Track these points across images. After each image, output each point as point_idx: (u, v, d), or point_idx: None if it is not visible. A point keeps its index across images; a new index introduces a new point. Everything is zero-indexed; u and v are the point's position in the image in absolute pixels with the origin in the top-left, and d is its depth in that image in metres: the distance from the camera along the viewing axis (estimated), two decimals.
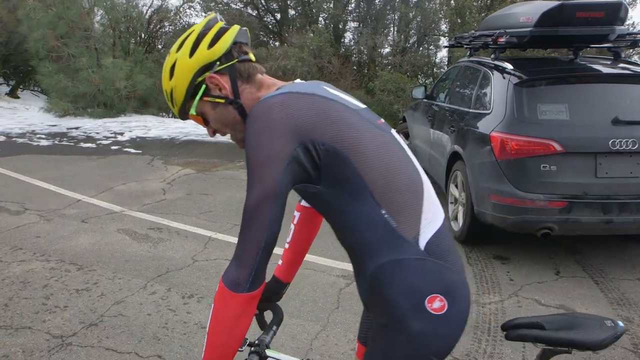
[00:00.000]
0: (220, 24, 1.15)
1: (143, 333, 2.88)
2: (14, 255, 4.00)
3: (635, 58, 12.38)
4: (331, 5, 16.33)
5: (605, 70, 3.98)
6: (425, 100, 6.03)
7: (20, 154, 8.10)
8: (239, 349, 1.22)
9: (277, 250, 1.12)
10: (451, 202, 4.55)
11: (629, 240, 4.27)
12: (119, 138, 9.59)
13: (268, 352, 1.23)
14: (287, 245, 1.46)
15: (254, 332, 1.33)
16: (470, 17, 13.91)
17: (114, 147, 8.72)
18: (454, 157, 4.45)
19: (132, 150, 8.47)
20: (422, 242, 1.05)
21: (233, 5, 16.91)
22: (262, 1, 17.15)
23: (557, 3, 3.87)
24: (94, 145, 8.90)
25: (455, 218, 4.42)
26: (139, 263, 3.87)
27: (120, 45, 13.33)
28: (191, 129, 10.49)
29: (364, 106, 1.17)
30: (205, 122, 1.19)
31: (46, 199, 5.57)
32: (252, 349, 1.20)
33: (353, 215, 1.05)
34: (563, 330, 1.21)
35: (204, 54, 1.11)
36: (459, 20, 14.33)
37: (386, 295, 1.05)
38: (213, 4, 16.66)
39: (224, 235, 4.47)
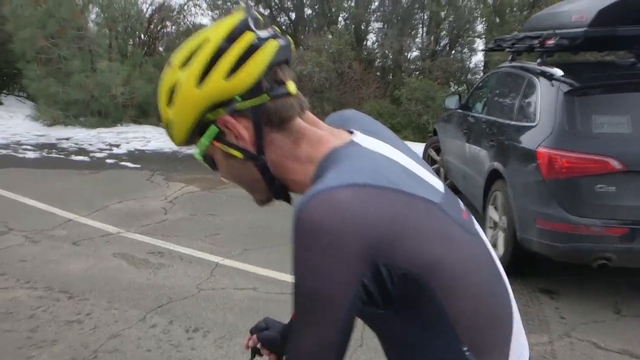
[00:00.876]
0: (251, 35, 0.87)
1: None
2: None
3: None
4: (352, 4, 16.51)
5: None
6: (459, 110, 6.03)
7: (3, 167, 8.25)
8: None
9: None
10: (490, 227, 4.52)
11: None
12: (115, 150, 9.73)
13: None
14: None
15: None
16: (510, 16, 13.94)
17: (109, 161, 8.85)
18: (493, 175, 4.43)
19: (130, 165, 8.58)
20: None
21: (242, 3, 17.17)
22: None
23: None
24: (86, 158, 9.05)
25: (495, 245, 4.37)
26: (137, 292, 3.89)
27: (117, 47, 13.59)
28: None
29: (442, 187, 0.95)
30: (214, 166, 0.98)
31: (33, 218, 5.66)
32: None
33: (424, 347, 0.89)
34: None
35: (219, 85, 0.85)
36: (497, 20, 14.36)
37: None
38: (221, 2, 16.97)
39: (233, 261, 4.49)
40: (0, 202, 6.30)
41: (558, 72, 4.02)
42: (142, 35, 15.79)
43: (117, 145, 10.18)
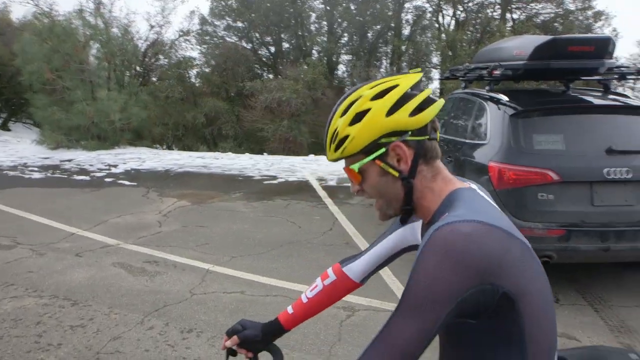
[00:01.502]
0: (429, 91, 1.02)
1: None
2: (5, 292, 3.94)
3: (620, 90, 12.66)
4: (325, 39, 16.71)
5: (597, 101, 4.08)
6: None
7: (11, 186, 8.07)
8: None
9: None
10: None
11: (627, 267, 4.29)
12: (113, 170, 9.59)
13: None
14: (305, 299, 1.39)
15: None
16: (461, 49, 14.27)
17: (108, 180, 8.71)
18: None
19: (127, 183, 8.46)
20: None
21: (228, 39, 17.26)
22: (257, 35, 17.52)
23: (549, 38, 4.00)
24: (87, 178, 8.89)
25: None
26: (136, 297, 3.82)
27: (115, 78, 13.49)
28: (186, 161, 10.53)
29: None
30: (358, 178, 1.06)
31: (39, 232, 5.53)
32: None
33: (492, 355, 0.95)
34: None
35: (404, 119, 0.98)
36: (450, 53, 14.68)
37: None
38: (208, 37, 16.98)
39: (222, 267, 4.45)
40: (8, 218, 6.14)
41: (504, 97, 4.12)
42: (138, 67, 15.68)
43: (115, 166, 10.04)
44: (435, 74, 16.17)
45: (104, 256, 4.76)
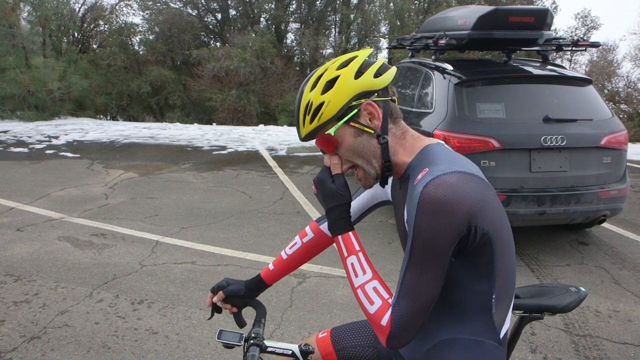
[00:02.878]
0: (383, 59, 1.14)
1: (91, 343, 2.78)
2: None
3: (558, 61, 13.22)
4: (272, 6, 16.31)
5: (536, 72, 4.25)
6: None
7: None
8: (238, 344, 1.29)
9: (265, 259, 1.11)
10: None
11: (559, 229, 4.58)
12: (54, 142, 9.12)
13: (267, 342, 1.28)
14: (285, 255, 1.46)
15: (231, 327, 1.34)
16: (409, 19, 14.35)
17: (48, 152, 8.28)
18: None
19: (70, 154, 8.08)
20: (502, 332, 1.10)
21: (172, 5, 16.52)
22: (202, 1, 16.87)
23: (491, 8, 4.09)
24: (26, 150, 8.42)
25: None
26: (83, 271, 3.71)
27: (51, 44, 12.68)
28: (132, 132, 10.16)
29: None
30: (334, 142, 1.12)
31: None
32: (252, 341, 1.25)
33: (464, 288, 1.06)
34: (535, 297, 1.39)
35: (370, 80, 1.08)
36: (398, 23, 14.74)
37: None
38: (151, 2, 16.18)
39: (172, 239, 4.38)
40: None
41: (449, 67, 4.20)
42: (76, 33, 14.79)
43: (56, 137, 9.54)
44: (384, 43, 16.23)
45: (47, 230, 4.57)
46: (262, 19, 16.64)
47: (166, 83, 14.97)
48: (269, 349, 1.27)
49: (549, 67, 4.42)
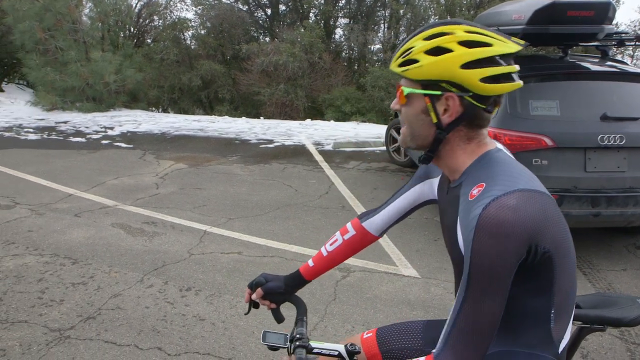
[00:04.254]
0: (514, 68, 0.99)
1: (142, 325, 2.90)
2: (6, 250, 3.98)
3: (619, 57, 12.56)
4: (322, 1, 16.34)
5: (594, 68, 4.06)
6: None
7: (7, 148, 8.01)
8: (283, 346, 1.26)
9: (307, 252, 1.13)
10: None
11: (615, 232, 4.37)
12: (109, 132, 9.52)
13: (312, 343, 1.25)
14: (325, 252, 1.43)
15: (270, 324, 1.37)
16: (460, 14, 14.02)
17: (104, 142, 8.66)
18: None
19: (123, 145, 8.42)
20: (562, 346, 1.05)
21: (224, 0, 16.85)
22: None
23: (548, 1, 3.94)
24: (83, 140, 8.84)
25: None
26: (135, 257, 3.88)
27: (109, 38, 13.21)
28: (182, 124, 10.46)
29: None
30: (403, 101, 1.05)
31: (37, 193, 5.54)
32: (297, 343, 1.23)
33: (521, 304, 1.01)
34: (598, 308, 1.30)
35: (473, 80, 0.95)
36: (448, 18, 14.42)
37: None
38: None
39: (219, 229, 4.50)
40: (6, 179, 6.13)
41: None
42: (132, 29, 15.37)
43: (111, 128, 9.96)
44: None
45: (102, 217, 4.80)
46: (311, 14, 16.70)
47: (216, 77, 15.31)
48: (315, 350, 1.25)
49: (609, 63, 4.21)
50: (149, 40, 16.42)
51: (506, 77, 0.97)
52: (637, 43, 4.24)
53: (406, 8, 15.67)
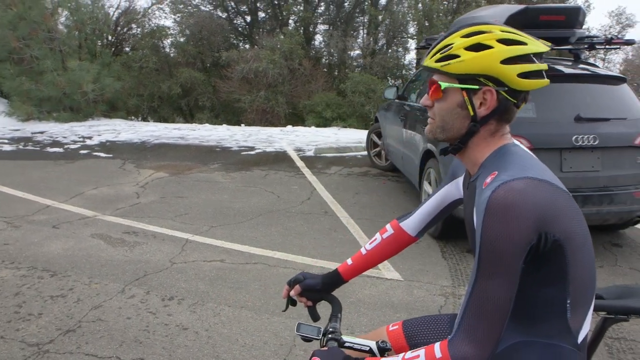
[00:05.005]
0: (545, 66, 1.05)
1: (123, 337, 2.86)
2: None
3: (591, 60, 12.86)
4: (301, 8, 16.40)
5: (568, 70, 4.15)
6: (397, 100, 6.15)
7: None
8: (316, 338, 1.29)
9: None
10: (424, 200, 4.66)
11: (591, 230, 4.44)
12: (88, 142, 9.39)
13: (344, 338, 1.28)
14: (364, 251, 1.45)
15: (304, 320, 1.37)
16: (437, 20, 14.21)
17: (82, 152, 8.54)
18: (427, 155, 4.56)
19: (102, 154, 8.32)
20: (581, 336, 1.06)
21: (203, 8, 16.80)
22: (232, 3, 17.09)
23: (521, 7, 4.03)
24: (61, 150, 8.70)
25: None
26: (116, 267, 3.82)
27: (86, 47, 13.06)
28: (162, 133, 10.38)
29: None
30: (438, 96, 1.09)
31: (13, 205, 5.43)
32: (330, 336, 1.26)
33: (535, 294, 1.03)
34: (622, 299, 1.34)
35: (511, 75, 1.01)
36: (426, 23, 14.61)
37: None
38: (182, 5, 16.50)
39: (201, 237, 4.46)
40: None
41: None
42: (110, 37, 15.20)
43: (90, 138, 9.83)
44: (412, 44, 16.12)
45: (81, 227, 4.72)
46: (290, 21, 16.76)
47: (196, 85, 15.23)
48: (347, 344, 1.27)
49: (581, 65, 4.32)
50: (127, 49, 16.25)
51: (538, 74, 1.04)
52: (607, 46, 4.35)
53: (385, 14, 15.82)
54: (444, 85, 1.07)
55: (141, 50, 15.31)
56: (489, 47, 1.02)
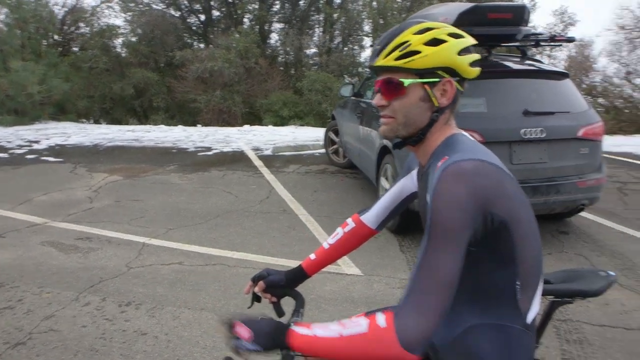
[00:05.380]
0: (478, 56, 1.16)
1: (79, 346, 2.76)
2: None
3: (538, 56, 13.38)
4: (256, 6, 16.27)
5: (516, 66, 4.31)
6: (353, 98, 6.20)
7: None
8: None
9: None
10: (382, 195, 4.72)
11: (539, 219, 4.62)
12: (35, 146, 9.00)
13: None
14: (326, 245, 1.47)
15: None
16: (392, 18, 14.41)
17: (30, 157, 8.17)
18: (383, 151, 4.63)
19: (52, 159, 7.98)
20: (530, 317, 1.11)
21: (155, 6, 16.40)
22: (185, 2, 16.77)
23: (471, 5, 4.14)
24: (5, 155, 8.30)
25: None
26: (69, 275, 3.68)
27: (30, 47, 12.49)
28: (115, 135, 10.08)
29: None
30: (400, 93, 1.10)
31: None
32: None
33: (486, 276, 1.08)
34: (567, 282, 1.42)
35: (465, 65, 1.09)
36: (381, 21, 14.80)
37: (476, 352, 1.10)
38: (133, 4, 16.05)
39: (158, 240, 4.36)
40: None
41: None
42: (56, 36, 14.60)
43: (37, 142, 9.43)
44: (367, 41, 16.29)
45: (30, 235, 4.52)
46: (245, 20, 16.60)
47: (150, 85, 14.86)
48: None
49: (528, 62, 4.49)
50: (75, 49, 15.66)
51: (477, 64, 1.13)
52: (551, 43, 4.54)
53: (340, 12, 15.92)
54: (407, 82, 1.09)
55: (91, 50, 14.78)
56: (444, 41, 1.08)
